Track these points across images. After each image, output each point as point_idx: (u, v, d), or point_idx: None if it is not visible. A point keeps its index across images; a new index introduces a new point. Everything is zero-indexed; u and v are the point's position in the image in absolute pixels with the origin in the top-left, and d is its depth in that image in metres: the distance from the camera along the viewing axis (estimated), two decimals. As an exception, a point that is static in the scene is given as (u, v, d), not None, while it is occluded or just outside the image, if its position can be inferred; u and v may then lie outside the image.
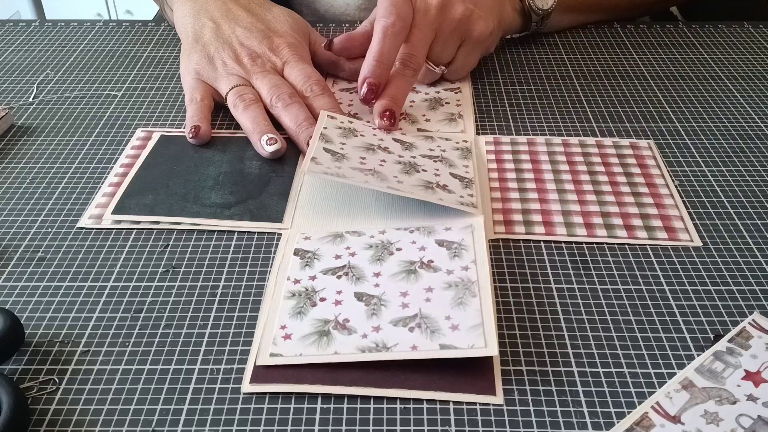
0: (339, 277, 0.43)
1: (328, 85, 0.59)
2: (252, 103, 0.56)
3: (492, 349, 0.38)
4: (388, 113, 0.55)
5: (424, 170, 0.50)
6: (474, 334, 0.39)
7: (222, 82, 0.59)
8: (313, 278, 0.43)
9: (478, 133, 0.57)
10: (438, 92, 0.63)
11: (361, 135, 0.53)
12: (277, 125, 0.56)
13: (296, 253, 0.45)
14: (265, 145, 0.53)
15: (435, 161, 0.52)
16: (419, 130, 0.58)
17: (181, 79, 0.61)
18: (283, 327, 0.40)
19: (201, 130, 0.55)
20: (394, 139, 0.54)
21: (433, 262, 0.44)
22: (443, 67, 0.62)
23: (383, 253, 0.45)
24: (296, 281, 0.43)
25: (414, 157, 0.52)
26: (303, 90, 0.58)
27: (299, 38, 0.63)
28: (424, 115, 0.59)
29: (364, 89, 0.56)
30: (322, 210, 0.49)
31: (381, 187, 0.47)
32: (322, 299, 0.42)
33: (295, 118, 0.55)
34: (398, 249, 0.45)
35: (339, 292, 0.42)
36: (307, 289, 0.42)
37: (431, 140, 0.55)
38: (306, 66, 0.60)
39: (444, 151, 0.53)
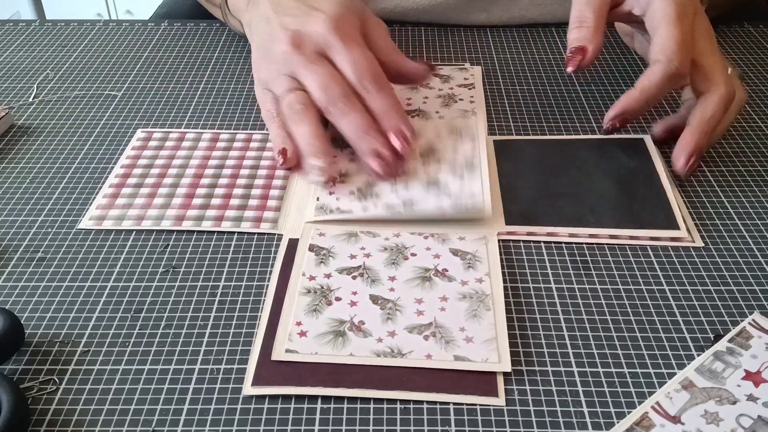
0: (354, 277, 0.43)
1: (384, 76, 0.52)
2: (302, 112, 0.51)
3: (505, 365, 0.38)
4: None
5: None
6: (488, 348, 0.39)
7: (275, 88, 0.53)
8: (328, 276, 0.43)
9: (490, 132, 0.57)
10: (452, 88, 0.63)
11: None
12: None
13: (311, 248, 0.46)
14: (311, 174, 0.50)
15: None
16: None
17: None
18: (298, 323, 0.40)
19: (289, 153, 0.51)
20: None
21: (447, 271, 0.44)
22: None
23: (398, 257, 0.45)
24: (311, 278, 0.43)
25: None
26: (356, 87, 0.51)
27: (343, 11, 0.54)
28: (437, 112, 0.59)
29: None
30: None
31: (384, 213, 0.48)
32: (338, 299, 0.42)
33: (353, 127, 0.50)
34: (413, 254, 0.45)
35: (354, 293, 0.42)
36: (322, 287, 0.43)
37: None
38: (353, 50, 0.51)
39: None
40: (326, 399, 0.37)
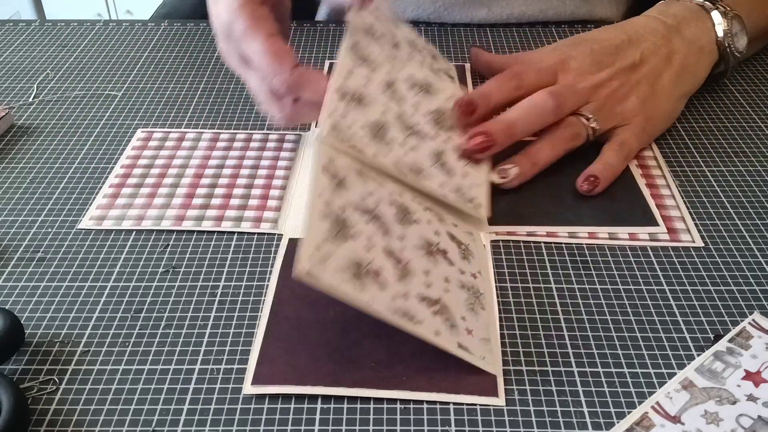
0: (367, 221, 0.41)
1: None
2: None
3: (496, 369, 0.38)
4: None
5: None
6: (484, 347, 0.39)
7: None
8: (342, 210, 0.40)
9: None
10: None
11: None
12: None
13: (325, 170, 0.42)
14: None
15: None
16: None
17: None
18: (318, 248, 0.37)
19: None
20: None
21: (447, 253, 0.43)
22: None
23: (404, 218, 0.43)
24: (327, 203, 0.40)
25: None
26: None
27: None
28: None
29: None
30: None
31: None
32: (353, 236, 0.39)
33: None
34: (416, 221, 0.43)
35: (369, 239, 0.40)
36: (339, 217, 0.40)
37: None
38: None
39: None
40: (326, 399, 0.37)
